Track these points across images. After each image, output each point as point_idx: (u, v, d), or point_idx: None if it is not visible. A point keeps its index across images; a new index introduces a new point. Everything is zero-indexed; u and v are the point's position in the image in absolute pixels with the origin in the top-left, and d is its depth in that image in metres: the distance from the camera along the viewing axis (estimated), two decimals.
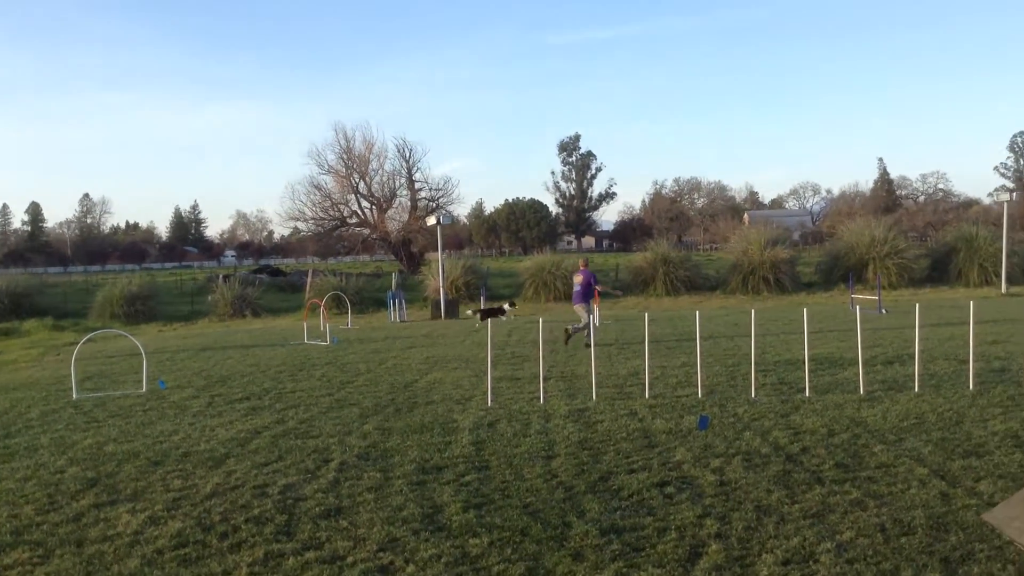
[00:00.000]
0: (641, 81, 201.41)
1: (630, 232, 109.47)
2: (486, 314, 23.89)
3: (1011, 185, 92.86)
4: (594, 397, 10.38)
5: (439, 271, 32.53)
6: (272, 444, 8.41)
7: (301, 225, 69.94)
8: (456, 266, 38.58)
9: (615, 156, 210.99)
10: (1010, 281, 30.09)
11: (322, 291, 36.73)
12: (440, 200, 67.83)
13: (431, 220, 33.52)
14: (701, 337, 11.54)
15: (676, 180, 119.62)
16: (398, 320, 28.26)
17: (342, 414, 9.95)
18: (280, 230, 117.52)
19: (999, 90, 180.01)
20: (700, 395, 10.27)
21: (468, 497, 6.33)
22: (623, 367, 13.12)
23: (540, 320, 12.09)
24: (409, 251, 64.87)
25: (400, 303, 29.33)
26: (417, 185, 68.05)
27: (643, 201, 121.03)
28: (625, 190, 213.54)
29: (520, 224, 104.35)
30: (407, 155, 67.62)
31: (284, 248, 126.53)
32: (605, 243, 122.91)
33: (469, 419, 9.33)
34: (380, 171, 67.52)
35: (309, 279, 45.77)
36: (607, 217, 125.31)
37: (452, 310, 29.95)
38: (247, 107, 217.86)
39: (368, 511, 6.11)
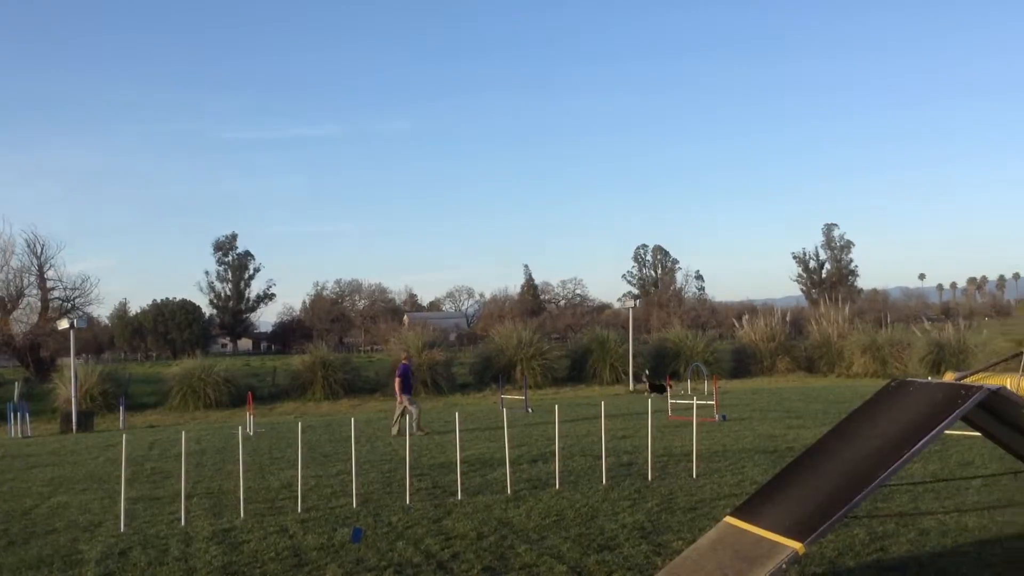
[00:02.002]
0: (301, 181, 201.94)
1: (289, 334, 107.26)
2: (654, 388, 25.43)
3: (636, 292, 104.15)
4: (242, 514, 9.79)
5: (71, 379, 29.49)
6: None
7: None
8: (93, 372, 35.18)
9: (274, 256, 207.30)
10: (636, 379, 33.37)
11: None
12: (76, 300, 61.92)
13: (63, 323, 30.60)
14: (359, 442, 11.41)
15: (337, 282, 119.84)
16: (20, 435, 25.04)
17: None
18: None
19: (626, 207, 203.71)
20: (355, 505, 10.08)
21: None
22: (275, 479, 12.57)
23: (183, 433, 11.30)
24: (38, 356, 58.21)
25: (23, 415, 26.05)
26: (49, 284, 61.68)
27: (304, 302, 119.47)
28: (285, 291, 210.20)
29: (169, 326, 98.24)
30: (38, 250, 61.31)
31: None
32: (263, 345, 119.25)
33: (97, 549, 8.36)
34: (6, 267, 60.43)
35: None
36: (266, 318, 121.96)
37: (86, 422, 27.14)
38: None
39: None
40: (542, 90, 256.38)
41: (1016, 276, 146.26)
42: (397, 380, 18.51)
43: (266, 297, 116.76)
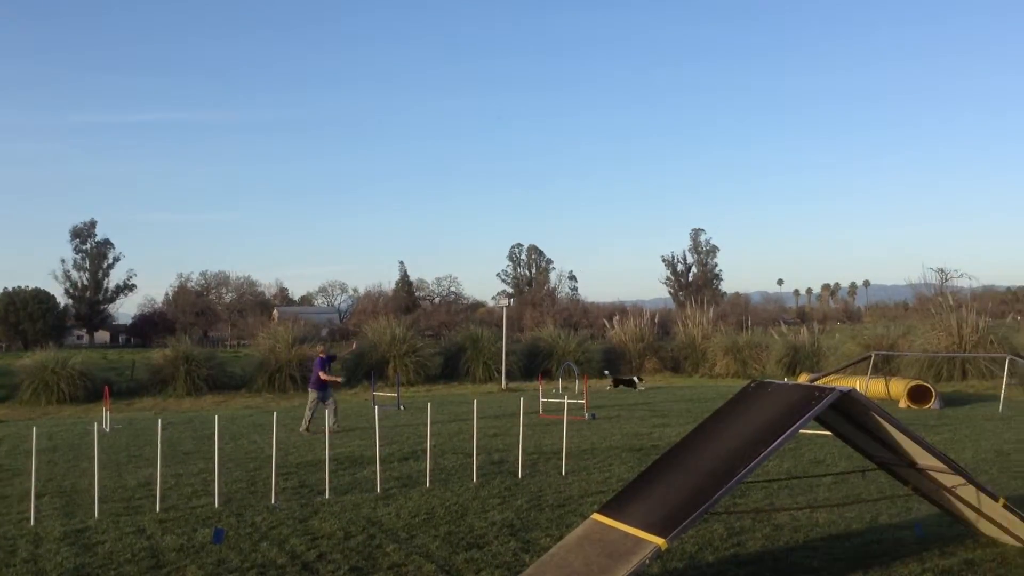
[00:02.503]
0: (166, 168, 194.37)
1: (150, 327, 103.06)
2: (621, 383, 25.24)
3: (510, 290, 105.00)
4: (96, 514, 9.33)
5: None
6: None
7: None
8: None
9: (136, 246, 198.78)
10: (509, 377, 33.62)
11: None
12: None
13: None
14: (223, 440, 11.07)
15: (203, 274, 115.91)
16: None
17: None
18: None
19: (502, 207, 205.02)
20: (217, 504, 9.77)
21: None
22: (132, 478, 12.04)
23: (34, 428, 10.70)
24: None
25: None
26: None
27: (167, 294, 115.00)
28: (147, 282, 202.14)
29: (21, 316, 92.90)
30: None
31: None
32: (122, 338, 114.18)
33: None
34: None
35: None
36: (125, 310, 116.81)
37: None
38: None
39: None
40: (414, 86, 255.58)
41: (866, 283, 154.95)
42: (320, 374, 17.76)
43: (126, 288, 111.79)
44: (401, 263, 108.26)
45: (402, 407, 23.18)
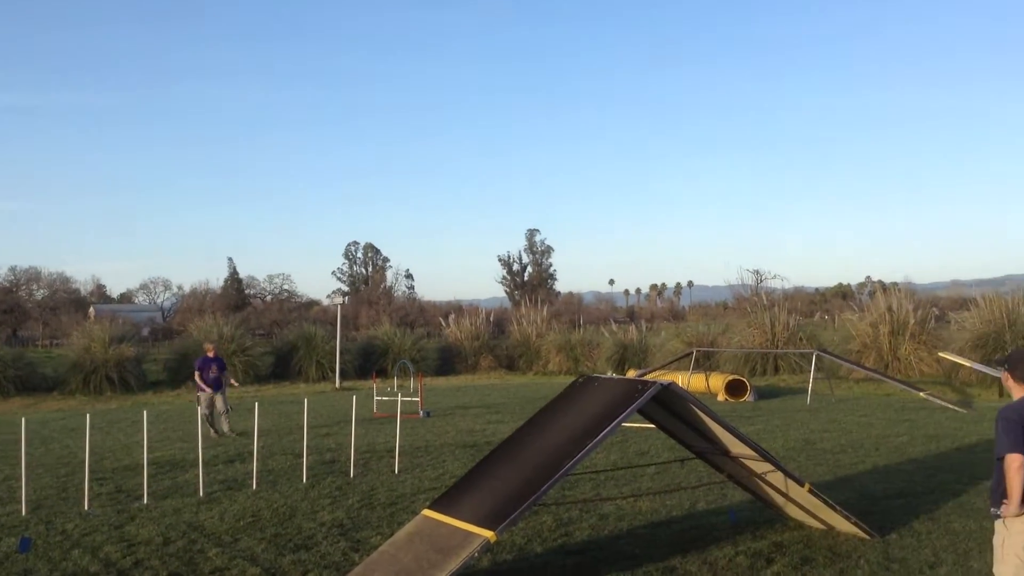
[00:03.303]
0: None
1: None
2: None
3: (346, 288, 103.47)
4: None
5: None
6: None
7: None
8: None
9: None
10: (344, 376, 33.10)
11: None
12: None
13: None
14: (32, 445, 10.35)
15: (12, 269, 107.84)
16: None
17: None
18: None
19: (337, 204, 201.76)
20: (24, 512, 9.12)
21: None
22: None
23: None
24: None
25: None
26: None
27: None
28: None
29: None
30: None
31: None
32: None
33: None
34: None
35: None
36: None
37: None
38: None
39: None
40: (253, 81, 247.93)
41: (690, 284, 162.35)
42: (202, 372, 16.42)
43: None
44: (230, 259, 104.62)
45: (229, 408, 22.38)
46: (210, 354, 16.95)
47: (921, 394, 19.55)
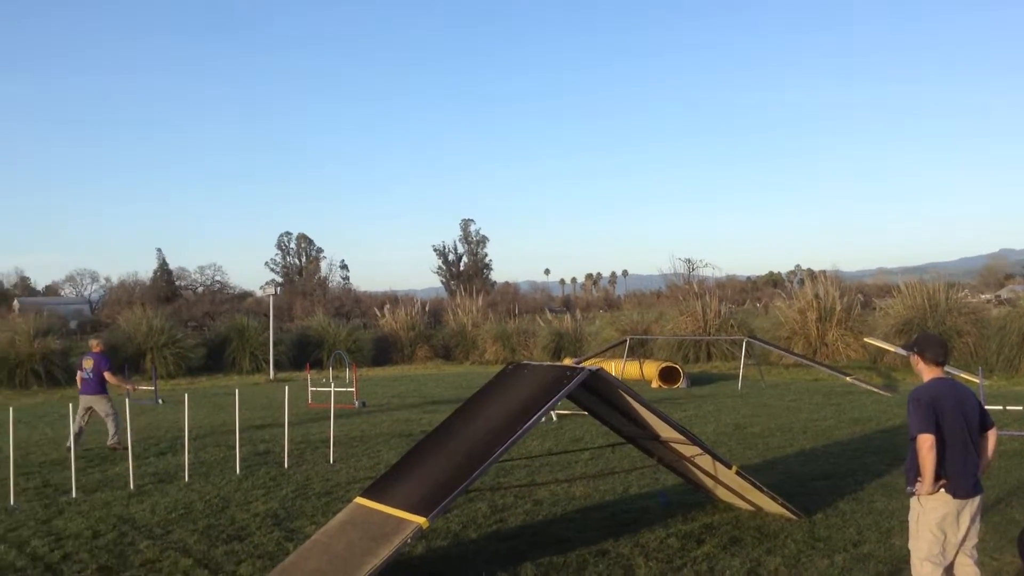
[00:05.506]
0: None
1: None
2: None
3: (279, 279, 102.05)
4: None
5: None
6: None
7: None
8: None
9: None
10: (278, 367, 32.74)
11: None
12: None
13: None
14: None
15: None
16: None
17: None
18: None
19: (270, 195, 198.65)
20: None
21: None
22: None
23: None
24: None
25: None
26: None
27: None
28: None
29: None
30: None
31: None
32: None
33: None
34: None
35: None
36: None
37: None
38: None
39: None
40: (183, 73, 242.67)
41: (624, 273, 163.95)
42: (93, 378, 13.63)
43: None
44: (159, 251, 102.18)
45: (160, 400, 22.01)
46: (95, 350, 14.54)
47: (847, 379, 20.16)
